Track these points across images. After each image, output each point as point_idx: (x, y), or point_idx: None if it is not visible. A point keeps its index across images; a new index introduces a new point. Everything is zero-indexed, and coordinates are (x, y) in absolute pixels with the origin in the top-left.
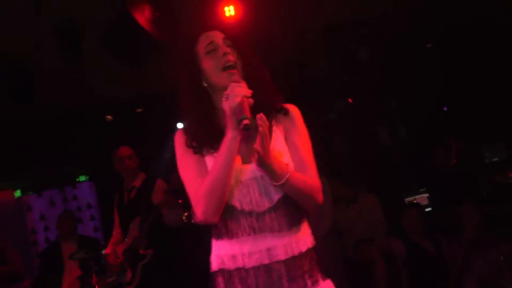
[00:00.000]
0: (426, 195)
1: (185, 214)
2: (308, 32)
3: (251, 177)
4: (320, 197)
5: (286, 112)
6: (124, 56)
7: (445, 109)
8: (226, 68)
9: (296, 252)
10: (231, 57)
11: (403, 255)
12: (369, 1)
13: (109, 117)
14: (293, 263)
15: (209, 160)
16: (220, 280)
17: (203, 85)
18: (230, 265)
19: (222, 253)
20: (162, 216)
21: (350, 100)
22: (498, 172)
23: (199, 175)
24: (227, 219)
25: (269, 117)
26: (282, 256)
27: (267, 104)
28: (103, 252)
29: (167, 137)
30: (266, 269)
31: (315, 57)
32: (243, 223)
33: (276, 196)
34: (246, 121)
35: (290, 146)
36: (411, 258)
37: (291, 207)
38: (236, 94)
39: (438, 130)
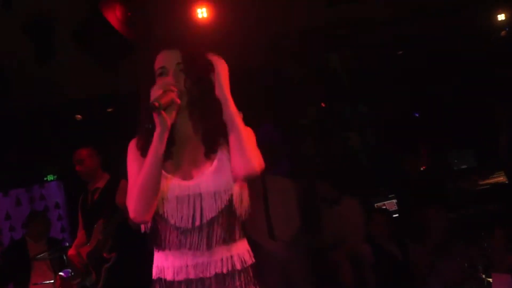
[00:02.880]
0: (395, 200)
1: None
2: (281, 37)
3: (186, 193)
4: (256, 164)
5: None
6: (96, 55)
7: (417, 115)
8: None
9: (225, 270)
10: (178, 86)
11: (370, 260)
12: (341, 9)
13: (79, 116)
14: (224, 280)
15: None
16: None
17: None
18: (166, 275)
19: (159, 263)
20: (126, 218)
21: (323, 104)
22: (466, 179)
23: (137, 177)
24: (161, 232)
25: (217, 143)
26: (209, 273)
27: (214, 132)
28: (68, 253)
29: None
30: (196, 283)
31: (288, 62)
32: (174, 237)
33: (209, 215)
34: (154, 103)
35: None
36: (378, 262)
37: (225, 226)
38: (156, 90)
39: (408, 137)
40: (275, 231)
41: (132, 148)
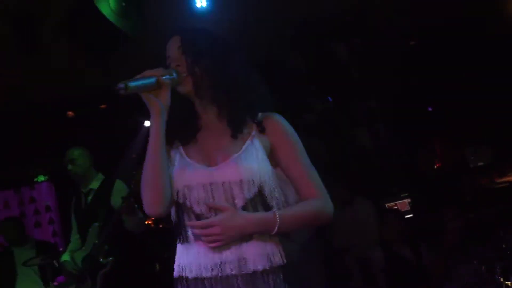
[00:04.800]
0: (408, 200)
1: (152, 218)
2: (284, 27)
3: (210, 181)
4: (328, 210)
5: (267, 122)
6: (87, 48)
7: (430, 109)
8: None
9: (257, 268)
10: (181, 70)
11: (381, 264)
12: None
13: (70, 113)
14: (252, 279)
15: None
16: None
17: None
18: (188, 273)
19: (181, 261)
20: (122, 221)
21: (330, 99)
22: (483, 176)
23: None
24: (185, 223)
25: (245, 127)
26: (236, 271)
27: (234, 114)
28: (61, 259)
29: (133, 135)
30: (222, 282)
31: (292, 52)
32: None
33: (239, 203)
34: (119, 85)
35: (285, 159)
36: (390, 266)
37: None
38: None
39: (421, 132)
40: (291, 232)
41: None
